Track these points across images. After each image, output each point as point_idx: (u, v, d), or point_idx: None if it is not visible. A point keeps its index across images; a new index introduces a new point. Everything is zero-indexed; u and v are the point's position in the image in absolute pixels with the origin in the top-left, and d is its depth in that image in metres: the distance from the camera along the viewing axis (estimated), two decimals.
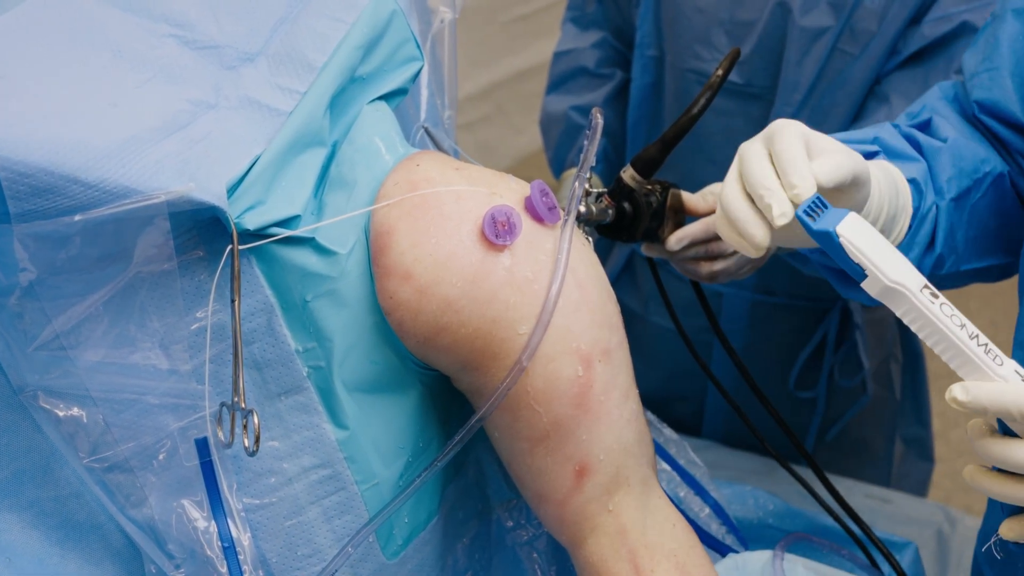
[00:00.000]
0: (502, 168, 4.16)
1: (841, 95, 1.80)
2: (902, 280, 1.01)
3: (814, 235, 1.02)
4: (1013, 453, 0.97)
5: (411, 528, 1.10)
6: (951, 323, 1.00)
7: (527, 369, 1.02)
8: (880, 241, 1.03)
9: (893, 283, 1.01)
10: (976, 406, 0.97)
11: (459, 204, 1.02)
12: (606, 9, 2.09)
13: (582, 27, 2.13)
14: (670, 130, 1.42)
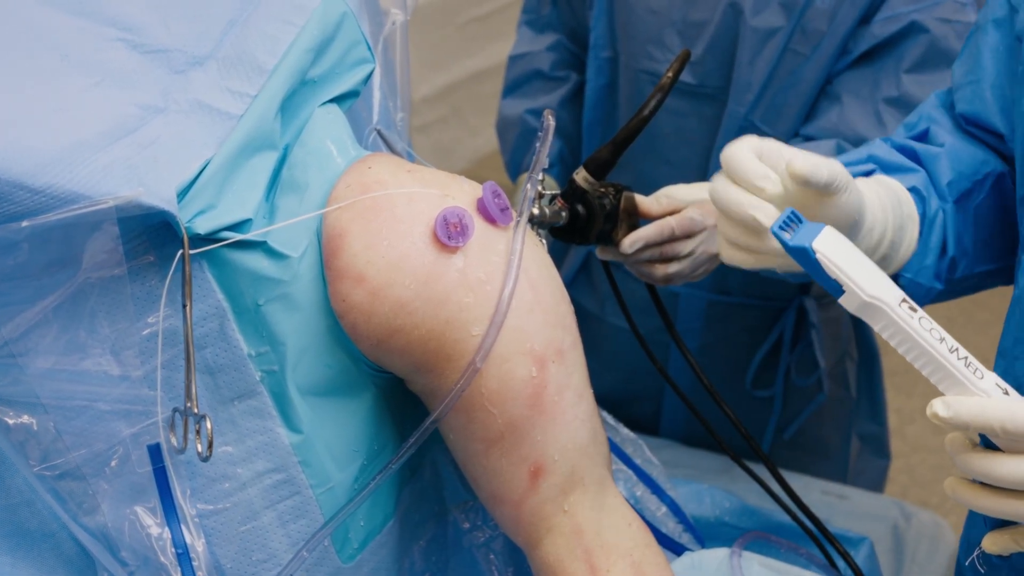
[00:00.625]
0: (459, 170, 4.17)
1: (793, 95, 1.81)
2: (880, 295, 1.00)
3: (790, 251, 1.02)
4: (996, 467, 0.97)
5: (367, 531, 1.10)
6: (931, 337, 0.99)
7: (481, 370, 1.02)
8: (857, 255, 1.02)
9: (871, 298, 1.00)
10: (958, 422, 0.96)
11: (411, 206, 1.02)
12: (560, 12, 2.10)
13: (537, 30, 2.14)
14: (621, 132, 1.43)
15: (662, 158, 1.94)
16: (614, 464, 1.47)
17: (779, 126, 1.83)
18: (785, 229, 1.02)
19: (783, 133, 1.83)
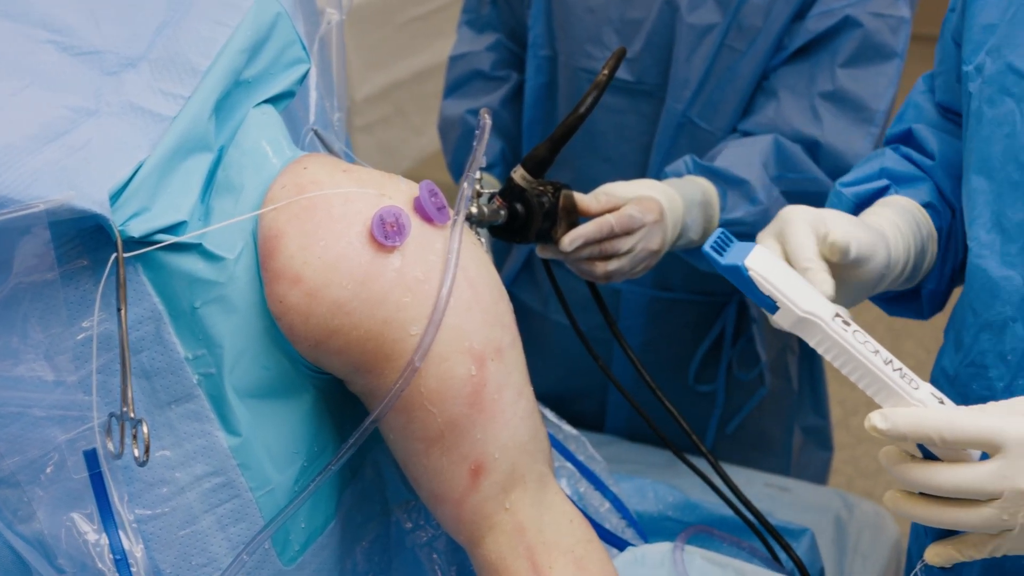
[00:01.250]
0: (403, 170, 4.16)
1: (730, 90, 1.82)
2: (814, 310, 1.01)
3: (722, 270, 1.03)
4: (935, 477, 0.97)
5: (308, 533, 1.09)
6: (865, 350, 1.00)
7: (420, 370, 1.02)
8: (789, 273, 1.03)
9: (805, 313, 1.01)
10: (896, 433, 0.97)
11: (347, 206, 1.02)
12: (500, 11, 2.10)
13: (477, 30, 2.14)
14: (558, 129, 1.43)
15: (601, 155, 1.95)
16: (557, 461, 1.48)
17: (717, 122, 1.84)
18: (717, 249, 1.03)
19: (721, 129, 1.84)
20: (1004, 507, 0.95)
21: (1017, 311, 1.20)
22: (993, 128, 1.23)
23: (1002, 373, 1.22)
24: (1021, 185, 1.20)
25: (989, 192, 1.23)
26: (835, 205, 1.37)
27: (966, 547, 1.01)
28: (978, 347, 1.24)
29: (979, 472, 0.95)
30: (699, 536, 1.45)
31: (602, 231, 1.54)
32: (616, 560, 1.32)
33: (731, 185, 1.73)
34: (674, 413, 1.53)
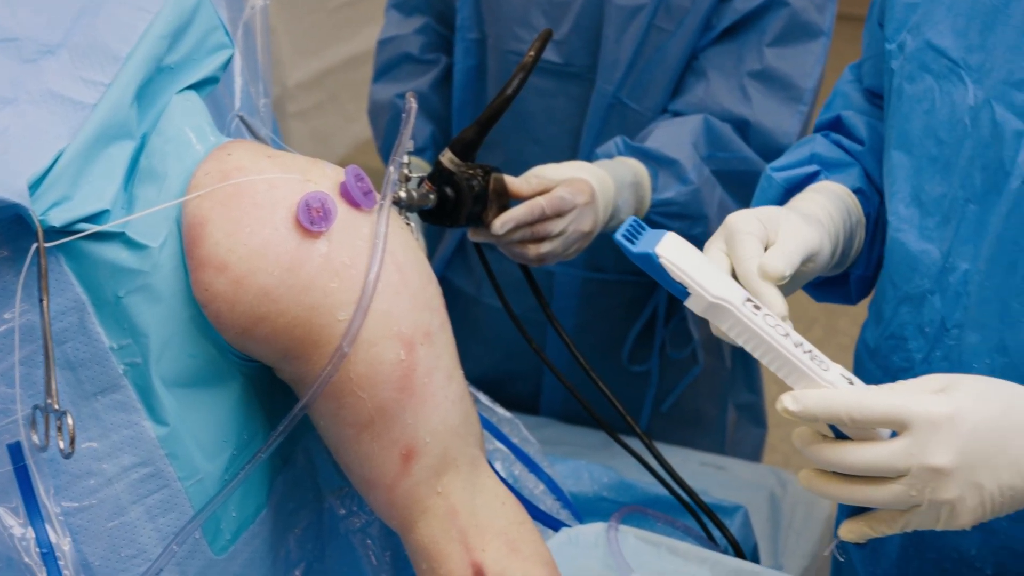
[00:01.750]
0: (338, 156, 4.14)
1: (660, 71, 1.83)
2: (724, 295, 1.02)
3: (634, 258, 1.03)
4: (846, 456, 0.98)
5: (239, 522, 1.09)
6: (775, 333, 1.01)
7: (349, 355, 1.02)
8: (700, 259, 1.04)
9: (716, 299, 1.02)
10: (807, 415, 0.98)
11: (272, 192, 1.01)
12: None
13: (405, 13, 2.13)
14: (486, 112, 1.43)
15: (531, 138, 1.95)
16: (491, 444, 1.48)
17: (647, 103, 1.85)
18: (628, 237, 1.03)
19: (651, 109, 1.85)
20: (912, 484, 0.96)
21: (935, 284, 1.22)
22: (913, 104, 1.25)
23: (920, 345, 1.24)
24: (939, 160, 1.22)
25: (908, 167, 1.25)
26: (765, 190, 1.38)
27: (877, 523, 1.02)
28: (898, 320, 1.26)
29: (887, 450, 0.97)
30: (633, 516, 1.46)
31: (533, 213, 1.54)
32: (550, 541, 1.33)
33: (662, 165, 1.74)
34: (607, 394, 1.54)
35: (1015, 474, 0.97)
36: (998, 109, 1.16)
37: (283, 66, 3.87)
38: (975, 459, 0.96)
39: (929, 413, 0.96)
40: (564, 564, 1.22)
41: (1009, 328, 1.16)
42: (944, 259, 1.22)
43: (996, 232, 1.16)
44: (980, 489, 0.97)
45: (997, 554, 1.23)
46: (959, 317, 1.20)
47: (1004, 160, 1.16)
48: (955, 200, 1.21)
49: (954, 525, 0.99)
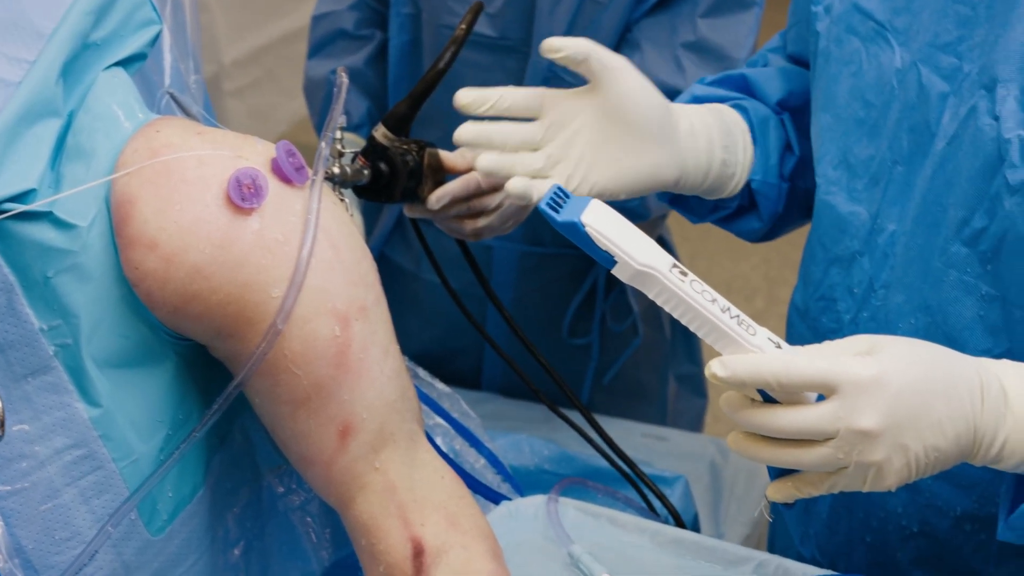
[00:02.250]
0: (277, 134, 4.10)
1: None
2: (651, 262, 1.02)
3: (559, 227, 1.03)
4: (774, 420, 0.99)
5: (176, 502, 1.08)
6: (702, 299, 1.01)
7: (283, 332, 1.01)
8: (626, 226, 1.04)
9: (643, 266, 1.02)
10: (735, 380, 0.99)
11: (202, 169, 1.00)
12: None
13: None
14: (418, 86, 1.43)
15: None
16: (431, 419, 1.48)
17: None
18: (552, 206, 1.03)
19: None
20: (839, 446, 0.98)
21: (864, 245, 1.24)
22: (840, 67, 1.26)
23: (849, 306, 1.25)
24: (866, 122, 1.24)
25: (836, 129, 1.27)
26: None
27: (804, 484, 1.04)
28: (828, 281, 1.28)
29: (815, 413, 0.98)
30: (574, 488, 1.46)
31: (469, 188, 1.54)
32: (490, 514, 1.33)
33: None
34: (547, 367, 1.54)
35: (939, 435, 0.99)
36: (924, 71, 1.18)
37: (218, 43, 3.83)
38: (901, 421, 0.98)
39: (855, 377, 0.97)
40: (504, 537, 1.22)
41: (931, 288, 1.18)
42: (872, 220, 1.23)
43: (921, 193, 1.18)
44: (906, 451, 0.99)
45: (922, 512, 1.25)
46: (886, 278, 1.22)
47: (930, 122, 1.17)
48: (883, 162, 1.22)
49: (880, 486, 1.01)
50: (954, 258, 1.16)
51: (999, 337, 1.14)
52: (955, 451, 1.01)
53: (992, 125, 1.11)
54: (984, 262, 1.14)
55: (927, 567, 1.27)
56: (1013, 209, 1.09)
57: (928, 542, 1.26)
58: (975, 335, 1.15)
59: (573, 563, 1.26)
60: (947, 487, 1.22)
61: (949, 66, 1.16)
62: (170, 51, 1.26)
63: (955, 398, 0.99)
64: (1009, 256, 1.11)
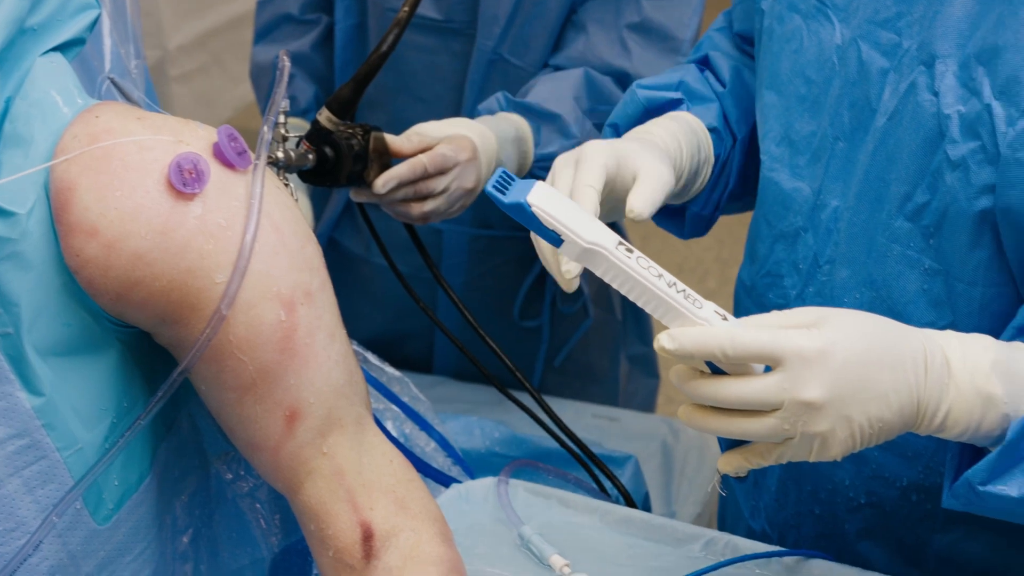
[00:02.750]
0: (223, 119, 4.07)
1: (539, 26, 1.82)
2: (597, 240, 1.03)
3: (505, 208, 1.04)
4: (722, 391, 1.00)
5: (122, 491, 1.07)
6: (649, 274, 1.02)
7: (228, 318, 1.01)
8: (571, 206, 1.05)
9: (590, 244, 1.03)
10: (683, 353, 1.00)
11: (142, 154, 0.99)
12: None
13: None
14: (361, 69, 1.42)
15: (415, 96, 1.94)
16: (382, 403, 1.48)
17: (528, 58, 1.85)
18: (499, 188, 1.04)
19: (532, 64, 1.85)
20: (785, 417, 0.99)
21: (807, 221, 1.25)
22: (782, 44, 1.27)
23: (795, 282, 1.27)
24: (808, 99, 1.25)
25: (779, 107, 1.27)
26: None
27: (753, 455, 1.05)
28: (773, 257, 1.29)
29: (761, 385, 0.99)
30: (524, 470, 1.46)
31: (415, 172, 1.54)
32: (440, 497, 1.33)
33: (544, 120, 1.74)
34: (496, 350, 1.54)
35: (883, 406, 1.00)
36: (864, 47, 1.19)
37: (163, 28, 3.79)
38: (845, 393, 0.99)
39: (800, 349, 0.98)
40: (455, 519, 1.23)
41: (875, 262, 1.19)
42: (815, 196, 1.24)
43: (863, 168, 1.19)
44: (850, 422, 1.00)
45: (869, 483, 1.27)
46: (830, 253, 1.23)
47: (870, 98, 1.18)
48: (825, 138, 1.23)
49: (826, 456, 1.02)
50: (897, 233, 1.17)
51: (942, 310, 1.15)
52: (899, 422, 1.02)
53: (932, 101, 1.12)
54: (927, 236, 1.15)
55: (874, 537, 1.29)
56: (954, 184, 1.11)
57: (875, 513, 1.27)
58: (919, 309, 1.16)
59: (523, 544, 1.27)
60: (893, 458, 1.24)
61: (888, 42, 1.17)
62: (110, 36, 1.24)
63: (899, 370, 1.01)
64: (951, 230, 1.13)
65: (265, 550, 1.25)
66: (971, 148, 1.09)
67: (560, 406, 1.90)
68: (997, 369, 1.02)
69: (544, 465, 1.52)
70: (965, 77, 1.10)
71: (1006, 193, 1.07)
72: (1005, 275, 1.11)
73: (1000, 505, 1.02)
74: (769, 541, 1.31)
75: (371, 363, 1.50)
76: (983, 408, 1.01)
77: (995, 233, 1.10)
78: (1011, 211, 1.07)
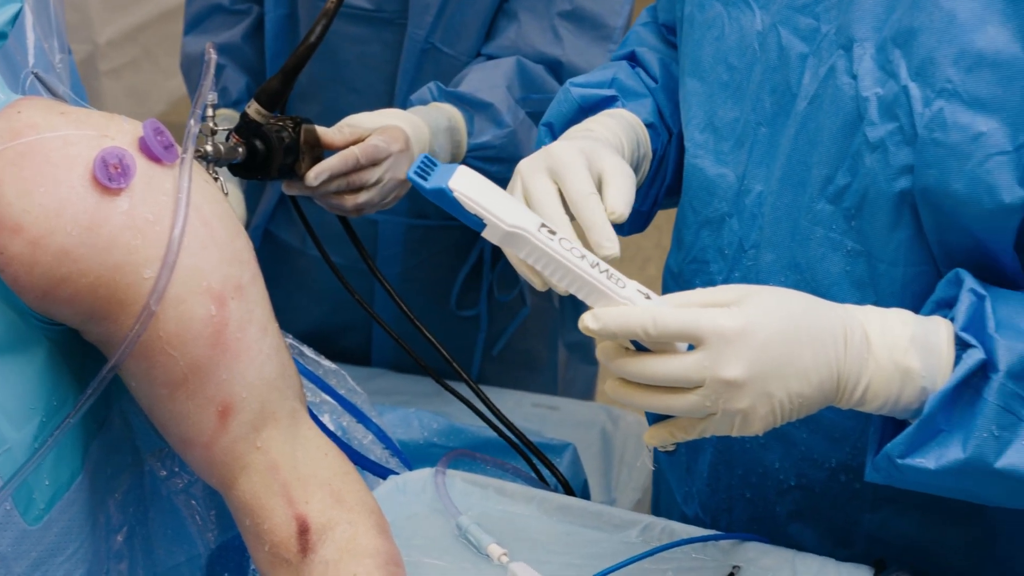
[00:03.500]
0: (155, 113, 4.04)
1: (471, 14, 1.82)
2: (519, 223, 1.04)
3: (428, 194, 1.04)
4: (646, 367, 1.02)
5: (54, 490, 1.06)
6: (572, 256, 1.03)
7: (157, 313, 1.00)
8: (493, 189, 1.05)
9: (511, 227, 1.03)
10: (607, 332, 1.01)
11: (67, 150, 0.98)
12: None
13: None
14: (290, 60, 1.41)
15: (348, 86, 1.93)
16: (318, 397, 1.47)
17: (460, 47, 1.84)
18: (420, 174, 1.04)
19: (464, 54, 1.84)
20: (706, 395, 1.01)
21: (732, 207, 1.26)
22: (703, 31, 1.28)
23: (721, 267, 1.28)
24: (730, 86, 1.26)
25: (702, 94, 1.28)
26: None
27: (677, 429, 1.06)
28: (699, 243, 1.30)
29: (683, 363, 1.00)
30: (463, 460, 1.46)
31: (347, 163, 1.53)
32: (378, 490, 1.33)
33: (477, 109, 1.73)
34: (432, 341, 1.54)
35: (803, 383, 1.02)
36: (783, 33, 1.20)
37: (92, 23, 3.75)
38: (765, 370, 1.00)
39: (720, 328, 1.00)
40: (392, 511, 1.22)
41: (799, 246, 1.20)
42: (739, 182, 1.25)
43: (786, 153, 1.20)
44: (771, 398, 1.01)
45: (798, 465, 1.28)
46: (755, 237, 1.24)
47: (791, 82, 1.20)
48: (747, 124, 1.24)
49: (747, 431, 1.04)
50: (820, 216, 1.18)
51: (866, 291, 1.17)
52: (819, 397, 1.04)
53: (850, 84, 1.14)
54: (848, 218, 1.16)
55: (804, 519, 1.31)
56: (873, 166, 1.12)
57: (804, 495, 1.29)
58: (843, 290, 1.18)
59: (461, 534, 1.27)
60: (821, 440, 1.25)
61: (807, 27, 1.18)
62: (33, 30, 1.23)
63: (819, 345, 1.02)
64: (871, 212, 1.14)
65: (201, 546, 1.24)
66: (889, 130, 1.11)
67: (500, 395, 1.90)
68: (915, 343, 1.04)
69: (482, 455, 1.52)
70: (882, 60, 1.11)
71: (924, 173, 1.09)
72: (926, 254, 1.13)
73: (919, 477, 1.04)
74: (702, 526, 1.32)
75: (307, 357, 1.49)
76: (901, 382, 1.04)
77: (915, 213, 1.12)
78: (929, 191, 1.09)
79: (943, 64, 1.06)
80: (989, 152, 1.04)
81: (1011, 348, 1.02)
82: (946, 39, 1.06)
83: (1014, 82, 1.03)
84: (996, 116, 1.04)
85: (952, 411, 1.03)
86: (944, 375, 1.04)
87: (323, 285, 2.11)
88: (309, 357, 1.50)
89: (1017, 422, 1.01)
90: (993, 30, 1.04)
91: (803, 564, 1.22)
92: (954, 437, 1.03)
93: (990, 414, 1.01)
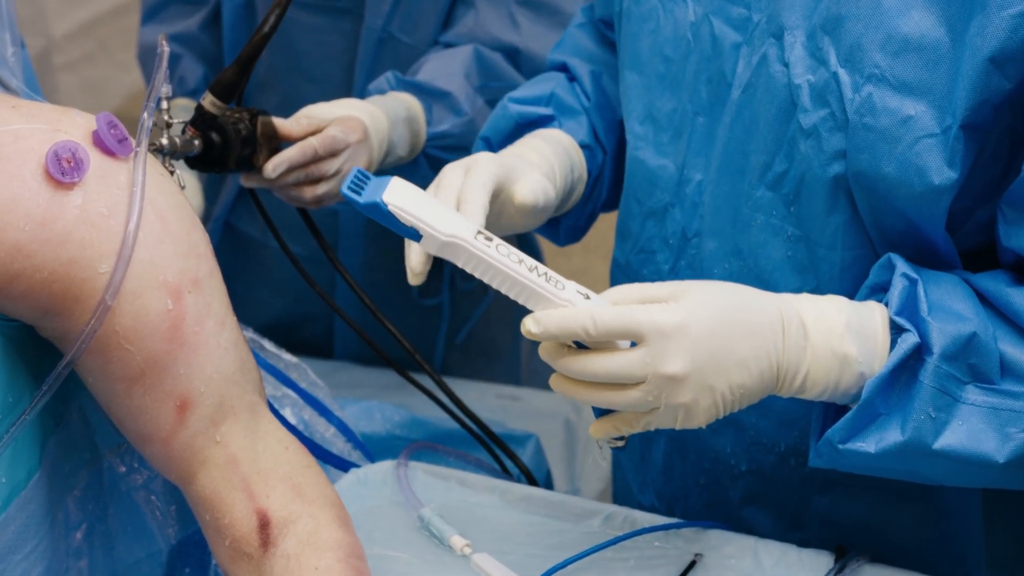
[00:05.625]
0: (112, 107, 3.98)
1: (428, 3, 1.82)
2: (456, 232, 1.04)
3: (362, 208, 1.04)
4: (589, 366, 1.03)
5: (10, 488, 1.04)
6: (510, 261, 1.04)
7: (113, 308, 0.99)
8: (427, 200, 1.05)
9: (448, 237, 1.03)
10: (548, 335, 1.02)
11: (18, 144, 0.97)
12: None
13: None
14: (244, 51, 1.40)
15: (306, 76, 1.92)
16: (279, 390, 1.46)
17: (418, 35, 1.84)
18: (354, 189, 1.03)
19: (422, 42, 1.84)
20: (648, 390, 1.02)
21: (674, 197, 1.27)
22: (640, 24, 1.29)
23: (667, 256, 1.29)
24: (667, 77, 1.27)
25: (640, 86, 1.30)
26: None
27: (622, 423, 1.07)
28: (645, 234, 1.31)
29: (624, 360, 1.02)
30: (425, 452, 1.46)
31: (305, 155, 1.52)
32: (339, 483, 1.32)
33: (435, 98, 1.73)
34: (395, 333, 1.53)
35: (744, 374, 1.04)
36: (716, 23, 1.21)
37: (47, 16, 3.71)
38: (705, 364, 1.02)
39: (659, 324, 1.01)
40: (353, 504, 1.22)
41: (741, 232, 1.22)
42: (680, 172, 1.27)
43: (723, 141, 1.22)
44: (712, 391, 1.03)
45: (749, 451, 1.30)
46: (697, 226, 1.26)
47: (725, 72, 1.21)
48: (685, 114, 1.26)
49: (691, 424, 1.05)
50: (759, 202, 1.20)
51: (807, 276, 1.18)
52: (760, 387, 1.05)
53: (783, 72, 1.15)
54: (787, 204, 1.18)
55: (757, 503, 1.32)
56: (808, 152, 1.14)
57: (756, 479, 1.30)
58: (785, 275, 1.19)
59: (423, 526, 1.26)
60: (770, 425, 1.27)
61: (739, 16, 1.19)
62: None
63: (758, 336, 1.04)
64: (808, 197, 1.16)
65: (162, 542, 1.23)
66: (821, 116, 1.12)
67: (463, 387, 1.89)
68: (851, 330, 1.06)
69: (444, 447, 1.51)
70: (812, 47, 1.13)
71: (856, 158, 1.10)
72: (863, 238, 1.15)
73: (860, 461, 1.06)
74: (660, 514, 1.33)
75: (267, 350, 1.48)
76: (839, 368, 1.05)
77: (850, 198, 1.13)
78: (862, 175, 1.10)
79: (870, 50, 1.08)
80: (918, 135, 1.06)
81: (944, 331, 1.04)
82: (873, 25, 1.08)
83: (939, 65, 1.05)
84: (923, 99, 1.06)
85: (889, 395, 1.05)
86: (881, 360, 1.05)
87: (284, 277, 2.10)
88: (270, 351, 1.49)
89: (953, 403, 1.04)
90: (918, 15, 1.06)
91: (765, 551, 1.23)
92: (892, 420, 1.05)
93: (926, 396, 1.03)
